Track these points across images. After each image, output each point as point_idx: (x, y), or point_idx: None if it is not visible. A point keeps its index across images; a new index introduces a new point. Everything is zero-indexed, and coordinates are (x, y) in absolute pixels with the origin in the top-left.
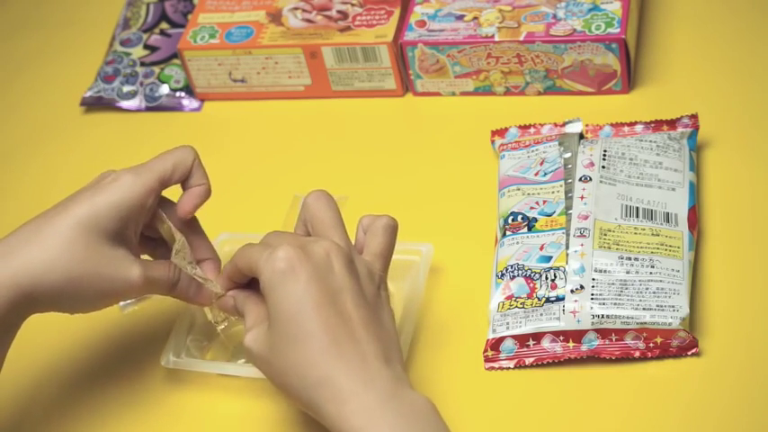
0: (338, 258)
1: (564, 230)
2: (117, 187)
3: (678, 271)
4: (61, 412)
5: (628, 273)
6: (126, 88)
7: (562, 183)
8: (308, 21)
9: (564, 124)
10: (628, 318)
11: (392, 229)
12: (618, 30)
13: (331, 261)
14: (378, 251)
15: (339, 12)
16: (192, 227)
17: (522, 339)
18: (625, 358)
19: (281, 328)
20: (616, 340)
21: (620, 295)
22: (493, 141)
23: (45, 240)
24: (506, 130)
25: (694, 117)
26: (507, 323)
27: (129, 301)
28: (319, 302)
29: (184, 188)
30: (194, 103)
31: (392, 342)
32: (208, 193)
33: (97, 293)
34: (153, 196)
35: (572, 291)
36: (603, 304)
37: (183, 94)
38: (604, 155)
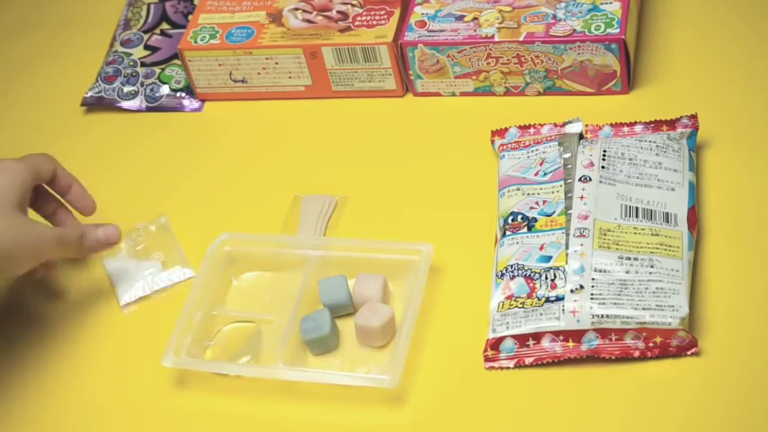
0: None
1: (564, 230)
2: (9, 168)
3: (678, 271)
4: (61, 412)
5: (627, 273)
6: (127, 88)
7: (562, 183)
8: (309, 21)
9: (564, 124)
10: (627, 317)
11: None
12: (617, 30)
13: None
14: None
15: (339, 12)
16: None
17: (521, 339)
18: (625, 358)
19: None
20: (616, 340)
21: (619, 295)
22: (493, 141)
23: None
24: (506, 130)
25: (694, 117)
26: (507, 323)
27: (128, 301)
28: None
29: (61, 192)
30: (195, 104)
31: None
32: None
33: (22, 252)
34: (32, 180)
35: (572, 290)
36: (603, 304)
37: (183, 94)
38: (604, 155)
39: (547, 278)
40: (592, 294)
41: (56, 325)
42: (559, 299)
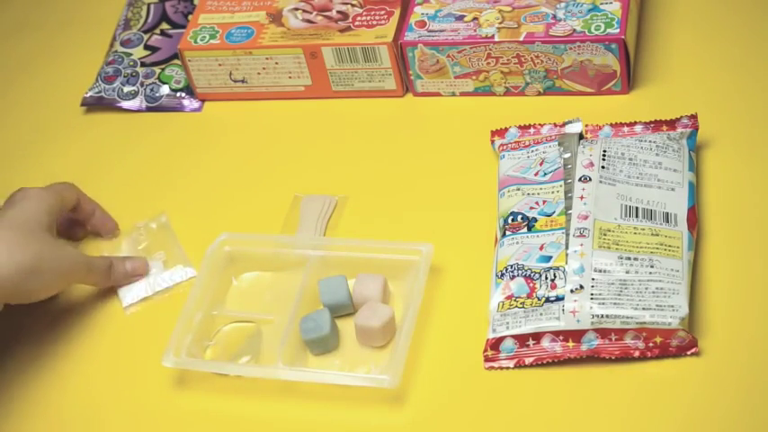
0: None
1: (563, 230)
2: (35, 195)
3: (677, 271)
4: (62, 411)
5: (627, 273)
6: (127, 88)
7: (562, 183)
8: (309, 21)
9: (564, 124)
10: (627, 317)
11: None
12: (617, 30)
13: None
14: None
15: (339, 12)
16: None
17: (521, 339)
18: (625, 358)
19: None
20: (616, 340)
21: (619, 295)
22: (493, 141)
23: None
24: (506, 130)
25: (694, 117)
26: (507, 323)
27: (131, 302)
28: None
29: (85, 218)
30: (195, 104)
31: None
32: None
33: (54, 272)
34: (58, 206)
35: (572, 290)
36: (603, 304)
37: (183, 94)
38: (604, 155)
39: (547, 278)
40: (592, 294)
41: (58, 325)
42: (559, 299)
